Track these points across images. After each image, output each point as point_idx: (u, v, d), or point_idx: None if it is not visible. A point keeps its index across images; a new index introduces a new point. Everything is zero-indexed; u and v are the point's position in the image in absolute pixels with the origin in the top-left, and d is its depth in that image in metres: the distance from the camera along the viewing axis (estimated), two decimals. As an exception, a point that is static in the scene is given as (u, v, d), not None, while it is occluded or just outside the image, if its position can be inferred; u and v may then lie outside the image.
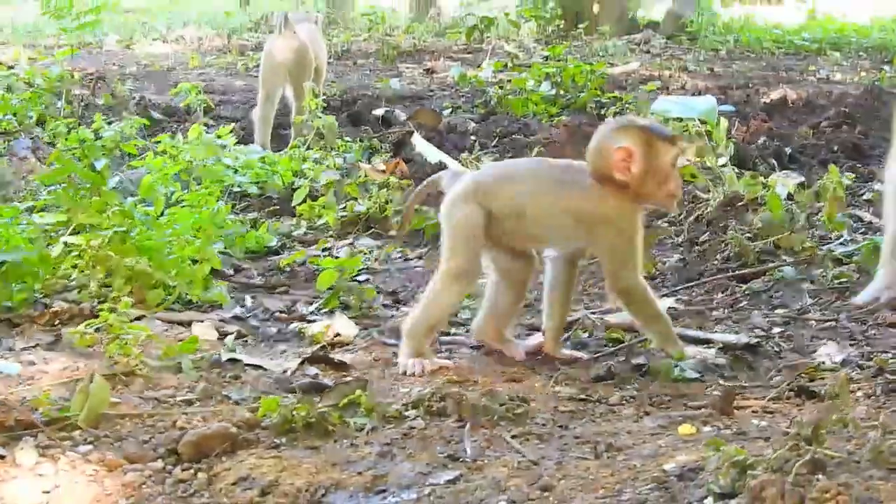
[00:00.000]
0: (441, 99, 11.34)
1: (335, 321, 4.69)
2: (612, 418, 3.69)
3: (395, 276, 5.65)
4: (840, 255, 5.80)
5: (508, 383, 4.06)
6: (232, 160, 7.20)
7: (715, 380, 4.19)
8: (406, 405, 3.68)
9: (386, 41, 17.22)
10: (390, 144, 8.67)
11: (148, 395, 3.76)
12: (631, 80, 12.79)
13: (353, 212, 6.53)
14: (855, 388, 3.93)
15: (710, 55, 17.45)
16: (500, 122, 9.97)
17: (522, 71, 11.47)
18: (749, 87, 12.78)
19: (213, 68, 14.26)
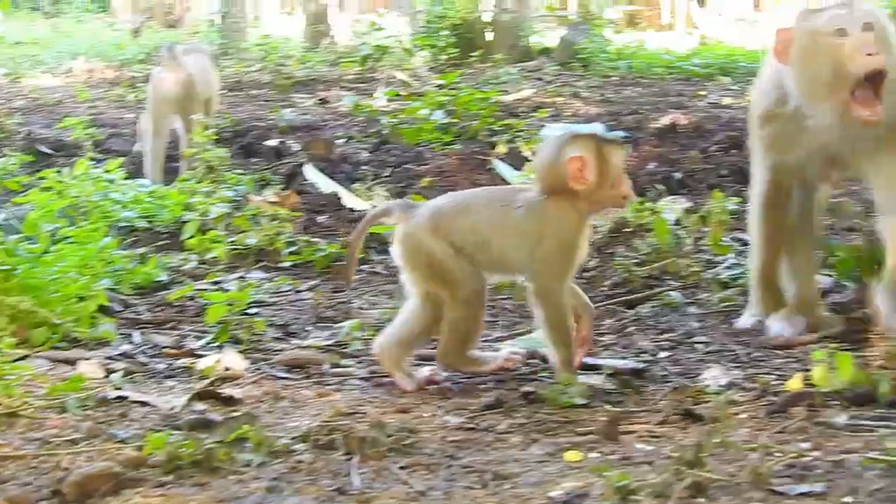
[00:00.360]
0: (335, 128, 11.33)
1: (224, 356, 4.65)
2: (499, 447, 3.67)
3: (286, 309, 5.61)
4: (726, 279, 5.92)
5: (398, 414, 4.03)
6: (120, 195, 7.13)
7: (602, 405, 4.19)
8: (294, 439, 3.64)
9: (279, 71, 17.20)
10: (283, 176, 8.64)
11: (31, 437, 3.69)
12: (524, 108, 12.83)
13: (243, 244, 6.48)
14: (739, 410, 4.00)
15: (602, 81, 17.58)
16: (394, 151, 9.99)
17: (416, 99, 11.44)
18: (640, 113, 12.91)
19: (103, 101, 14.14)
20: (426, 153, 9.60)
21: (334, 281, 6.12)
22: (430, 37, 19.02)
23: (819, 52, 4.88)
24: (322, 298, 5.73)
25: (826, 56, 4.84)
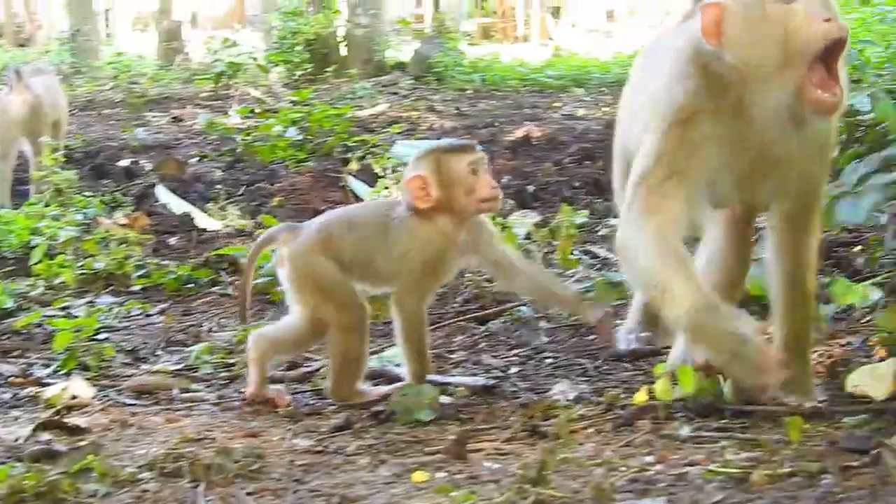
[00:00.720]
0: (188, 147, 11.27)
1: (71, 383, 4.58)
2: (348, 469, 3.66)
3: (136, 333, 5.54)
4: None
5: (246, 438, 3.98)
6: (-38, 220, 7.04)
7: (451, 423, 4.19)
8: (141, 467, 3.59)
9: (132, 89, 17.05)
10: (133, 197, 8.54)
11: None
12: (379, 123, 12.86)
13: (92, 269, 6.40)
14: (586, 424, 4.02)
15: (457, 94, 17.69)
16: (248, 169, 9.96)
17: (270, 117, 11.39)
18: (494, 126, 12.99)
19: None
20: (280, 171, 9.58)
21: (185, 303, 6.07)
22: (284, 53, 18.99)
23: (763, 24, 3.79)
24: (172, 322, 5.69)
25: (772, 27, 3.76)
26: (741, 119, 3.91)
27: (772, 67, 3.80)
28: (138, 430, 4.10)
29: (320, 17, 19.54)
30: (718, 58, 3.87)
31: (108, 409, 4.38)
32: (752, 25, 3.83)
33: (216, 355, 5.02)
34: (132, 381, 4.74)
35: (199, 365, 4.96)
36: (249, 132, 10.87)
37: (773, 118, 3.87)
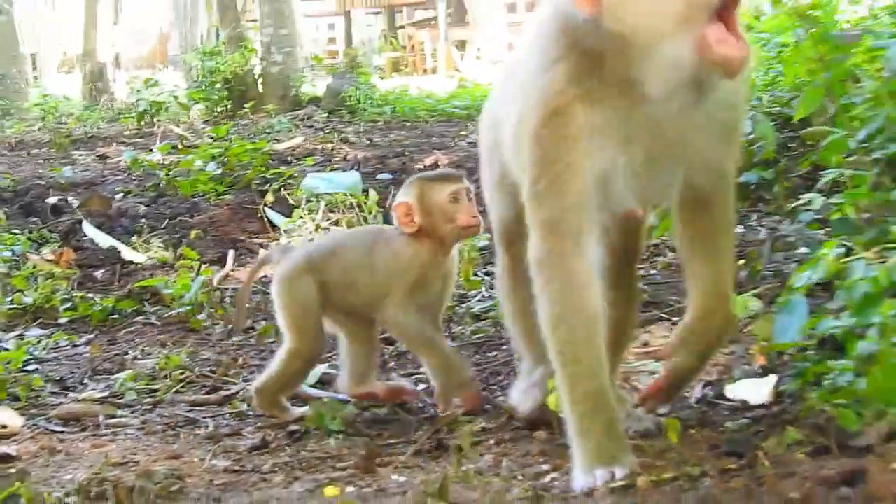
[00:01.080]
0: (114, 184, 11.17)
1: (1, 413, 4.56)
2: (263, 486, 3.66)
3: (64, 364, 5.50)
4: (478, 312, 5.98)
5: (168, 461, 3.96)
6: None
7: (361, 438, 4.20)
8: (68, 493, 3.60)
9: (59, 129, 16.93)
10: (60, 233, 8.48)
11: None
12: (295, 155, 12.83)
13: (20, 304, 6.37)
14: (487, 436, 4.05)
15: (369, 126, 17.66)
16: (171, 203, 9.90)
17: (190, 152, 11.33)
18: (405, 155, 12.98)
19: None
20: (201, 204, 9.54)
21: (110, 333, 6.05)
22: (204, 91, 18.90)
23: None
24: (98, 351, 5.66)
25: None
26: (628, 99, 3.14)
27: (665, 29, 2.99)
28: (66, 457, 4.08)
29: (237, 56, 19.47)
30: (596, 29, 3.05)
31: (36, 436, 4.36)
32: None
33: (140, 382, 5.01)
34: (60, 410, 4.71)
35: (124, 392, 4.94)
36: (171, 168, 10.81)
37: (670, 91, 3.08)
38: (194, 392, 4.98)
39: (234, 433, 4.39)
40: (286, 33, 19.19)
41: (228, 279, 7.13)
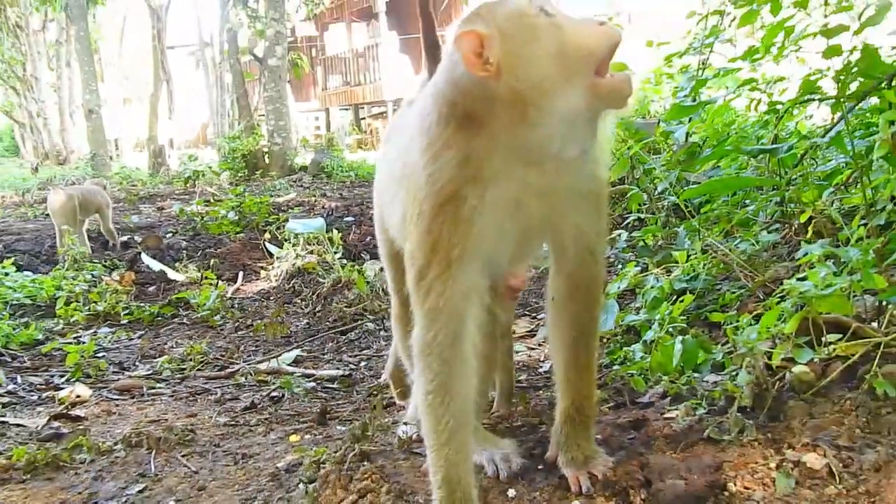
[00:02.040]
0: (166, 227, 11.03)
1: (77, 387, 4.48)
2: (249, 435, 3.65)
3: (122, 351, 5.43)
4: (405, 313, 5.89)
5: (188, 418, 3.94)
6: (11, 282, 6.86)
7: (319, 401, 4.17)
8: (116, 442, 3.54)
9: (130, 190, 16.81)
10: (126, 261, 8.37)
11: (-66, 455, 3.50)
12: (289, 205, 12.72)
13: (94, 310, 6.29)
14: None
15: (340, 185, 17.51)
16: (203, 239, 9.81)
17: (217, 204, 11.21)
18: (363, 205, 12.86)
19: (11, 217, 13.42)
20: (223, 240, 9.44)
21: (155, 330, 5.99)
22: (229, 163, 18.75)
23: (539, 40, 2.25)
24: (146, 343, 5.59)
25: (550, 41, 2.25)
26: (516, 169, 2.33)
27: (561, 82, 2.24)
28: (118, 417, 4.04)
29: (250, 140, 19.43)
30: (487, 93, 2.24)
31: (100, 403, 4.29)
32: (526, 44, 2.25)
33: (173, 363, 4.95)
34: (117, 384, 4.64)
35: (162, 370, 4.88)
36: (204, 215, 10.67)
37: (565, 144, 2.29)
38: (209, 370, 4.92)
39: (234, 398, 4.35)
40: (283, 124, 19.11)
41: (238, 292, 7.08)
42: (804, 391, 2.83)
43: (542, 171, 2.36)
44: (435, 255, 2.32)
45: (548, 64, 2.25)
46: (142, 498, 3.02)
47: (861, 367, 2.81)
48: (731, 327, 3.22)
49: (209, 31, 30.76)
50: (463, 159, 2.29)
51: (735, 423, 2.72)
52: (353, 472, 2.78)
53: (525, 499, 2.63)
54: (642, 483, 2.53)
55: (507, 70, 2.22)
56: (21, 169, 28.76)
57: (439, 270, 2.33)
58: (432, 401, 2.37)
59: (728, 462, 2.52)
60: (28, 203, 15.56)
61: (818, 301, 2.76)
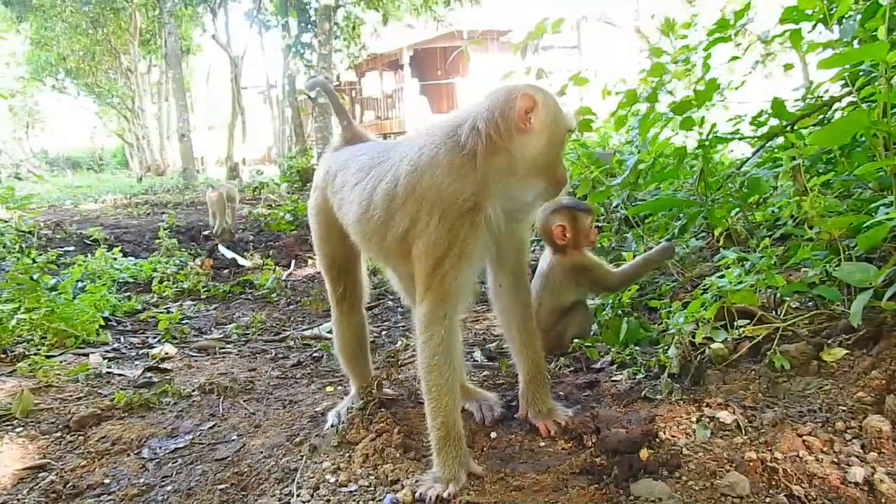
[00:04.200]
0: (239, 225, 10.90)
1: (166, 346, 4.46)
2: (295, 386, 3.61)
3: (202, 319, 5.39)
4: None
5: (248, 372, 3.89)
6: (119, 265, 6.84)
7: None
8: (194, 390, 3.52)
9: (212, 196, 16.87)
10: (206, 251, 8.34)
11: (57, 397, 3.48)
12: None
13: (181, 288, 6.26)
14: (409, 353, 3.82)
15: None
16: (266, 235, 9.76)
17: (277, 209, 11.17)
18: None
19: (121, 215, 13.38)
20: (282, 236, 9.40)
21: (226, 304, 5.95)
22: (287, 177, 18.61)
23: (559, 120, 2.38)
24: (219, 314, 5.56)
25: (563, 120, 2.40)
26: (502, 203, 2.42)
27: (557, 152, 2.40)
28: (197, 370, 4.00)
29: (304, 159, 19.29)
30: (511, 138, 2.33)
31: (183, 359, 4.26)
32: (554, 119, 2.36)
33: (239, 330, 4.92)
34: (196, 344, 4.62)
35: (231, 335, 4.85)
36: (267, 217, 10.63)
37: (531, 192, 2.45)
38: (267, 335, 4.89)
39: (284, 357, 4.30)
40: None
41: (291, 276, 7.05)
42: (719, 363, 2.81)
43: (514, 207, 2.48)
44: (451, 250, 2.32)
45: (556, 141, 2.38)
46: (212, 432, 3.00)
47: (764, 345, 2.80)
48: (666, 312, 3.21)
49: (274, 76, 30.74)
50: (482, 180, 2.32)
51: (666, 385, 2.71)
52: (372, 416, 2.78)
53: (503, 440, 2.62)
54: (593, 430, 2.53)
55: (535, 133, 2.33)
56: (129, 179, 28.80)
57: (454, 262, 2.33)
58: (438, 361, 2.36)
59: (659, 416, 2.51)
60: (133, 204, 15.53)
61: (732, 294, 2.74)
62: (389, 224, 2.51)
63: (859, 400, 2.36)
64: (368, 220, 2.59)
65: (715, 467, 2.18)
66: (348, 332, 3.17)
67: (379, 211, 2.54)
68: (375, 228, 2.57)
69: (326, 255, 3.11)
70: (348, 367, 3.22)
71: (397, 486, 2.31)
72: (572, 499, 2.16)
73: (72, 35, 29.90)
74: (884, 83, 2.31)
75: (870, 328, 2.62)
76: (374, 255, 2.81)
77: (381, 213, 2.53)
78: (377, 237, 2.58)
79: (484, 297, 5.44)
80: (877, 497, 1.98)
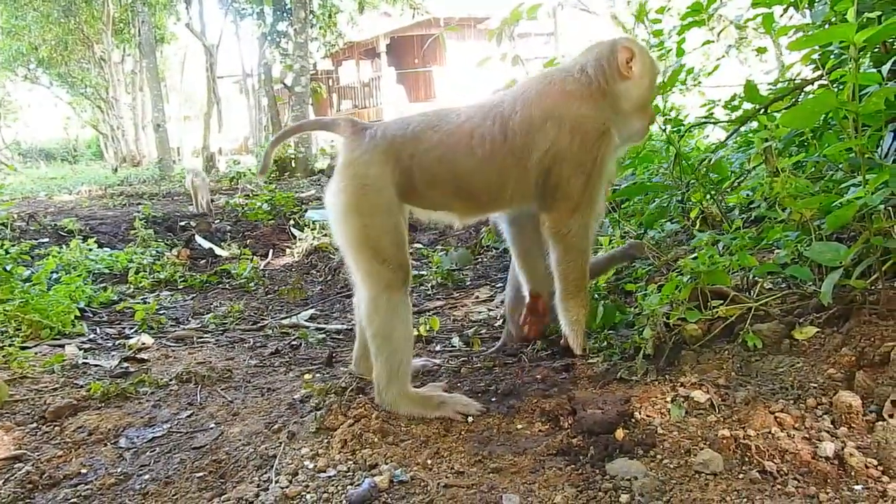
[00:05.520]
0: (216, 215, 10.87)
1: (142, 337, 4.43)
2: (273, 374, 3.59)
3: (179, 309, 5.36)
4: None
5: (226, 361, 3.86)
6: (94, 256, 6.75)
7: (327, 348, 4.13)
8: (171, 379, 3.50)
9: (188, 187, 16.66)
10: (183, 241, 8.26)
11: (32, 388, 3.44)
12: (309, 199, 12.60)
13: (158, 278, 6.22)
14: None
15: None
16: (243, 225, 9.67)
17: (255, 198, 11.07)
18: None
19: (96, 206, 13.24)
20: (259, 225, 9.31)
21: (203, 294, 5.92)
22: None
23: (653, 64, 2.78)
24: (197, 303, 5.54)
25: (655, 67, 2.81)
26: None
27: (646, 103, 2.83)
28: (174, 360, 3.96)
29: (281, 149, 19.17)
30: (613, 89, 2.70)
31: (160, 349, 4.22)
32: (650, 67, 2.75)
33: (217, 319, 4.90)
34: (173, 334, 4.58)
35: (209, 324, 4.83)
36: (245, 206, 10.53)
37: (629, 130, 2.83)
38: (245, 324, 4.87)
39: (262, 346, 4.28)
40: (306, 137, 18.84)
41: (268, 265, 7.03)
42: (693, 343, 2.84)
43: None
44: (594, 168, 2.64)
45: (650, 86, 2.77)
46: (190, 421, 2.98)
47: (737, 325, 2.83)
48: (641, 295, 3.23)
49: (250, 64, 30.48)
50: (608, 110, 2.68)
51: (641, 367, 2.74)
52: (350, 402, 2.78)
53: (481, 423, 2.64)
54: (570, 412, 2.55)
55: (634, 79, 2.71)
56: (104, 169, 28.53)
57: (596, 180, 2.66)
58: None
59: (635, 396, 2.53)
60: (109, 195, 15.38)
61: (705, 275, 2.77)
62: (530, 148, 2.65)
63: (830, 377, 2.40)
64: (500, 152, 2.67)
65: (689, 445, 2.21)
66: (410, 318, 2.77)
67: (518, 137, 2.65)
68: (513, 160, 2.68)
69: (391, 232, 2.70)
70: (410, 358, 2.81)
71: (375, 471, 2.32)
72: (549, 479, 2.18)
73: (43, 24, 29.39)
74: (852, 64, 2.34)
75: (840, 306, 2.66)
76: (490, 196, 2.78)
77: (520, 140, 2.65)
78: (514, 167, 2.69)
79: (461, 285, 5.47)
80: (846, 470, 2.01)
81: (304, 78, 19.00)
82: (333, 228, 2.82)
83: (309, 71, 19.70)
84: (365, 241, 2.68)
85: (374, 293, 2.69)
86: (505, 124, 2.68)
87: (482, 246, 6.59)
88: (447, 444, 2.49)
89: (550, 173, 2.66)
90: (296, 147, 19.01)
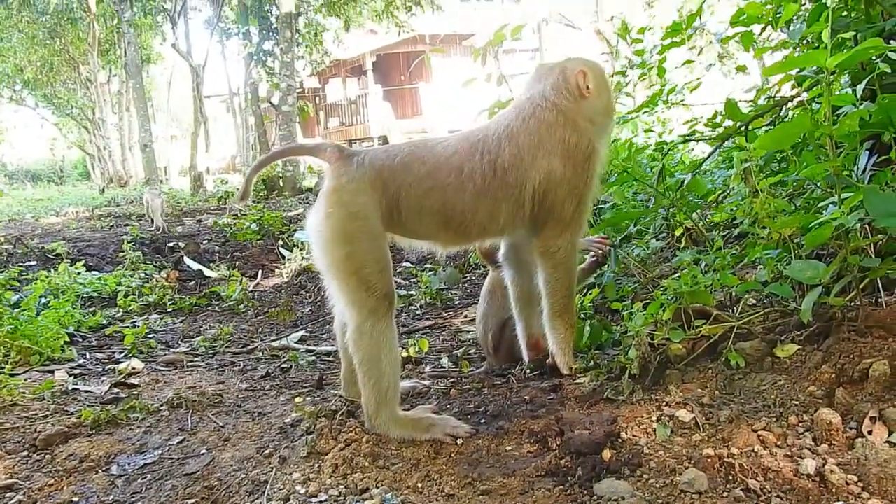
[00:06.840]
0: (204, 236, 10.84)
1: (132, 361, 4.45)
2: (264, 397, 3.61)
3: (168, 333, 5.39)
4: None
5: (216, 385, 3.88)
6: (82, 279, 6.75)
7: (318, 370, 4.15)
8: (162, 404, 3.51)
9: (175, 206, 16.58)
10: (172, 263, 8.27)
11: (22, 415, 3.45)
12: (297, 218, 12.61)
13: (147, 301, 6.23)
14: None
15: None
16: (232, 245, 9.66)
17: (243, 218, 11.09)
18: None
19: (84, 228, 13.21)
20: (248, 245, 9.32)
21: (193, 317, 5.94)
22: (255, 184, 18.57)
23: (604, 76, 3.02)
24: (186, 326, 5.56)
25: (604, 75, 3.05)
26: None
27: (608, 112, 3.04)
28: (164, 384, 3.98)
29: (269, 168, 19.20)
30: (577, 102, 2.87)
31: (150, 373, 4.24)
32: (602, 78, 2.99)
33: (207, 342, 4.92)
34: (164, 358, 4.60)
35: (198, 347, 4.85)
36: (233, 227, 10.54)
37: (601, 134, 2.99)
38: (235, 347, 4.90)
39: (253, 369, 4.32)
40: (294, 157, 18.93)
41: (258, 286, 7.05)
42: (678, 362, 2.88)
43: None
44: (586, 190, 2.84)
45: (608, 97, 2.98)
46: (181, 447, 3.00)
47: (720, 344, 2.88)
48: (627, 314, 3.26)
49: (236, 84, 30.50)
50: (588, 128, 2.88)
51: (627, 386, 2.78)
52: (341, 426, 2.80)
53: (470, 445, 2.66)
54: (558, 432, 2.58)
55: (594, 95, 2.90)
56: (91, 190, 28.47)
57: (587, 200, 2.86)
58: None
59: (621, 416, 2.57)
60: (96, 217, 15.34)
61: (688, 295, 2.82)
62: (524, 181, 2.78)
63: (811, 394, 2.45)
64: (492, 187, 2.78)
65: (674, 465, 2.25)
66: (396, 342, 2.78)
67: (510, 173, 2.77)
68: (505, 193, 2.79)
69: (377, 259, 2.71)
70: (398, 382, 2.82)
71: (366, 496, 2.34)
72: (538, 501, 2.21)
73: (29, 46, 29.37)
74: (825, 88, 2.40)
75: (820, 323, 2.71)
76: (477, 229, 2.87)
77: (512, 176, 2.77)
78: (506, 200, 2.80)
79: (451, 304, 5.50)
80: (828, 487, 2.06)
81: (291, 97, 19.07)
82: (316, 254, 2.82)
83: (296, 89, 19.78)
84: (350, 268, 2.67)
85: (360, 320, 2.70)
86: (494, 161, 2.76)
87: (470, 265, 6.63)
88: (437, 467, 2.52)
89: (545, 200, 2.80)
90: (283, 166, 19.03)
